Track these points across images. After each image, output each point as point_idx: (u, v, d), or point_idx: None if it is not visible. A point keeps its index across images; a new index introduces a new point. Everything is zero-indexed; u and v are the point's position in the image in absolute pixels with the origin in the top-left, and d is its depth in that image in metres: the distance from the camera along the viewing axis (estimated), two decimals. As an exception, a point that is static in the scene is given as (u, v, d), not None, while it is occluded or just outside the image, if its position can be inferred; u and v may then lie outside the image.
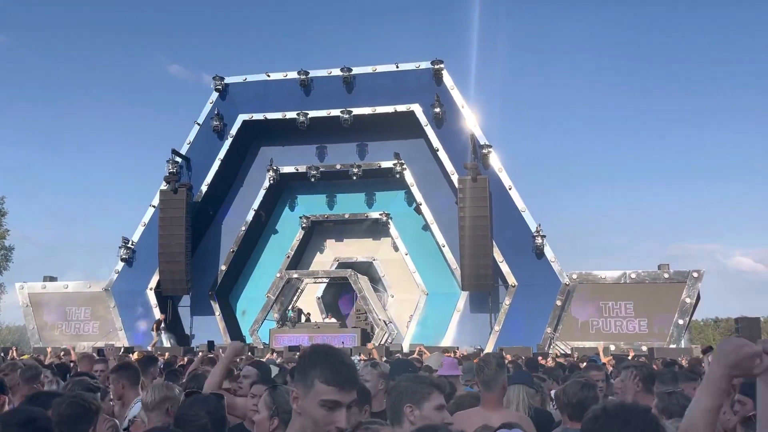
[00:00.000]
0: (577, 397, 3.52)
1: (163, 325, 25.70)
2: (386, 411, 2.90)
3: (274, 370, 6.56)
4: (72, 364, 10.50)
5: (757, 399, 2.07)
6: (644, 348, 22.11)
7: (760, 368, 1.83)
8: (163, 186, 26.33)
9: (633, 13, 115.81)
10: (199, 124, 27.57)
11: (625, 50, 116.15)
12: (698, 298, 23.57)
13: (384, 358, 14.23)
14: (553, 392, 5.41)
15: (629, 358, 11.92)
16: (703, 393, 1.96)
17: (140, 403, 4.75)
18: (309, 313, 25.76)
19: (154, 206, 26.94)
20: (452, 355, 14.16)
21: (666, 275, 23.59)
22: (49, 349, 15.58)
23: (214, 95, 27.61)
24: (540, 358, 15.94)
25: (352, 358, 11.82)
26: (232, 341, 4.80)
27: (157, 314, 26.20)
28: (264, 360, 10.64)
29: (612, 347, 22.13)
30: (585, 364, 9.56)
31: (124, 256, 26.82)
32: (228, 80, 27.58)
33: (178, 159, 26.86)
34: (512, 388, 4.09)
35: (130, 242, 27.06)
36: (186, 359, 14.20)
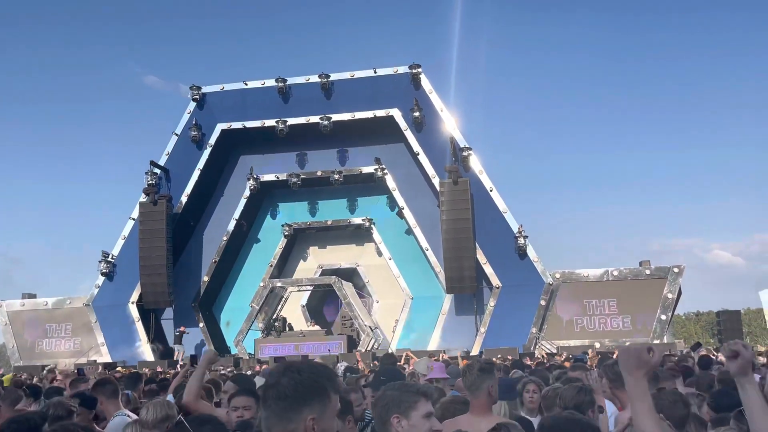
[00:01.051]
0: (575, 401, 3.51)
1: (185, 334, 25.41)
2: (374, 422, 2.86)
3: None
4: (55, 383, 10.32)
5: (741, 398, 2.19)
6: (628, 344, 22.31)
7: (656, 357, 2.10)
8: (143, 198, 26.06)
9: (612, 16, 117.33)
10: (177, 135, 27.35)
11: (604, 51, 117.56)
12: (680, 293, 23.85)
13: (372, 364, 14.20)
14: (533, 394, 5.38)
15: (614, 356, 12.00)
16: (634, 401, 2.11)
17: (121, 417, 4.74)
18: (290, 324, 25.54)
19: (133, 219, 26.64)
20: (439, 359, 14.17)
21: (647, 271, 23.84)
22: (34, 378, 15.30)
23: (192, 105, 27.41)
24: (527, 359, 16.02)
25: (339, 365, 11.75)
26: (205, 351, 4.85)
27: (140, 328, 25.89)
28: (258, 372, 10.54)
29: (597, 345, 22.27)
30: (569, 363, 9.60)
31: (104, 271, 26.47)
32: (205, 89, 27.41)
33: (157, 170, 26.61)
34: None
35: (110, 256, 26.73)
36: (171, 372, 14.05)
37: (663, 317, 23.25)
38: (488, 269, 24.04)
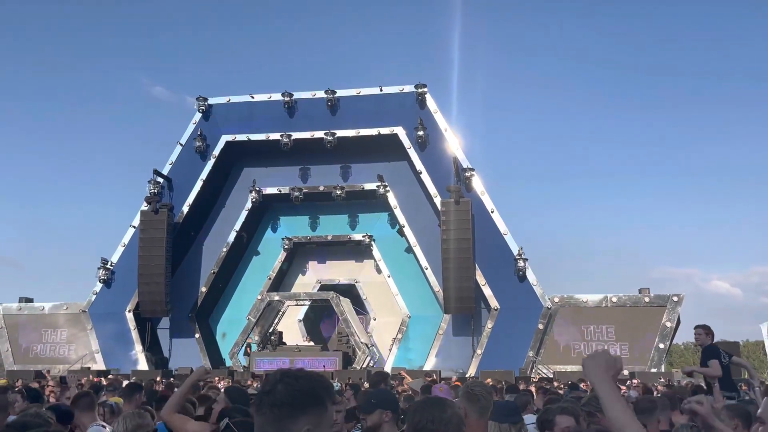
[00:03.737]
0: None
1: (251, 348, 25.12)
2: None
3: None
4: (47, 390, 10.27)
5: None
6: (625, 372, 22.14)
7: (620, 363, 2.14)
8: (144, 206, 26.07)
9: (615, 35, 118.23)
10: (181, 145, 27.42)
11: (607, 71, 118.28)
12: (678, 322, 23.72)
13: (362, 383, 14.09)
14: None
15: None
16: (609, 403, 2.08)
17: (96, 428, 4.74)
18: (283, 341, 25.25)
19: (134, 227, 26.63)
20: (433, 378, 14.07)
21: (646, 299, 23.74)
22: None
23: (198, 116, 27.52)
24: (521, 383, 15.89)
25: (334, 383, 11.68)
26: (198, 367, 4.87)
27: (135, 336, 25.77)
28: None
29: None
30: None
31: (102, 277, 26.41)
32: (212, 101, 27.54)
33: (160, 179, 26.65)
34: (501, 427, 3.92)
35: (109, 263, 26.68)
36: (164, 383, 13.91)
37: (661, 346, 23.11)
38: (487, 291, 23.95)
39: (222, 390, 6.84)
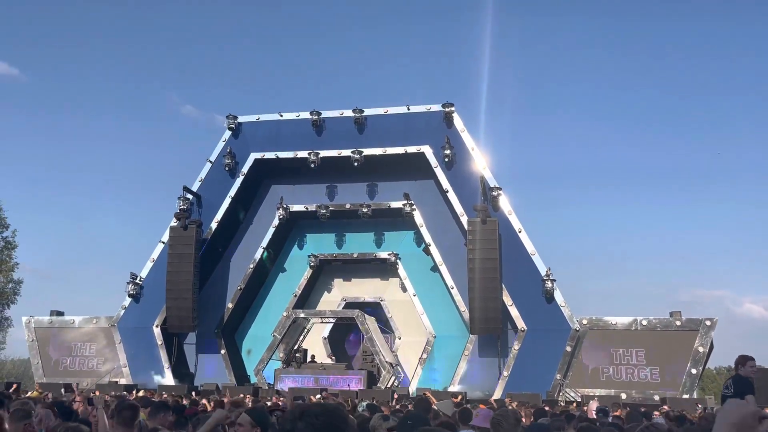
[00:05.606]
0: None
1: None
2: None
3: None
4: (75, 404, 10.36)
5: None
6: (656, 397, 21.61)
7: (761, 429, 1.79)
8: (174, 222, 26.42)
9: (644, 52, 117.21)
10: (211, 162, 27.81)
11: (636, 91, 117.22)
12: (711, 347, 23.11)
13: (392, 404, 13.92)
14: None
15: (643, 410, 11.60)
16: None
17: None
18: (313, 355, 25.38)
19: (163, 242, 26.97)
20: (458, 399, 13.89)
21: (678, 323, 23.19)
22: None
23: (227, 134, 27.91)
24: (547, 406, 15.60)
25: (361, 404, 11.57)
26: (218, 410, 5.05)
27: (162, 352, 25.98)
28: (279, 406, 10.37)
29: (623, 396, 21.64)
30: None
31: (131, 292, 26.75)
32: (241, 119, 27.93)
33: (189, 196, 27.01)
34: None
35: (138, 278, 27.03)
36: (190, 401, 13.96)
37: (693, 371, 22.53)
38: (514, 311, 23.66)
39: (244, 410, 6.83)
